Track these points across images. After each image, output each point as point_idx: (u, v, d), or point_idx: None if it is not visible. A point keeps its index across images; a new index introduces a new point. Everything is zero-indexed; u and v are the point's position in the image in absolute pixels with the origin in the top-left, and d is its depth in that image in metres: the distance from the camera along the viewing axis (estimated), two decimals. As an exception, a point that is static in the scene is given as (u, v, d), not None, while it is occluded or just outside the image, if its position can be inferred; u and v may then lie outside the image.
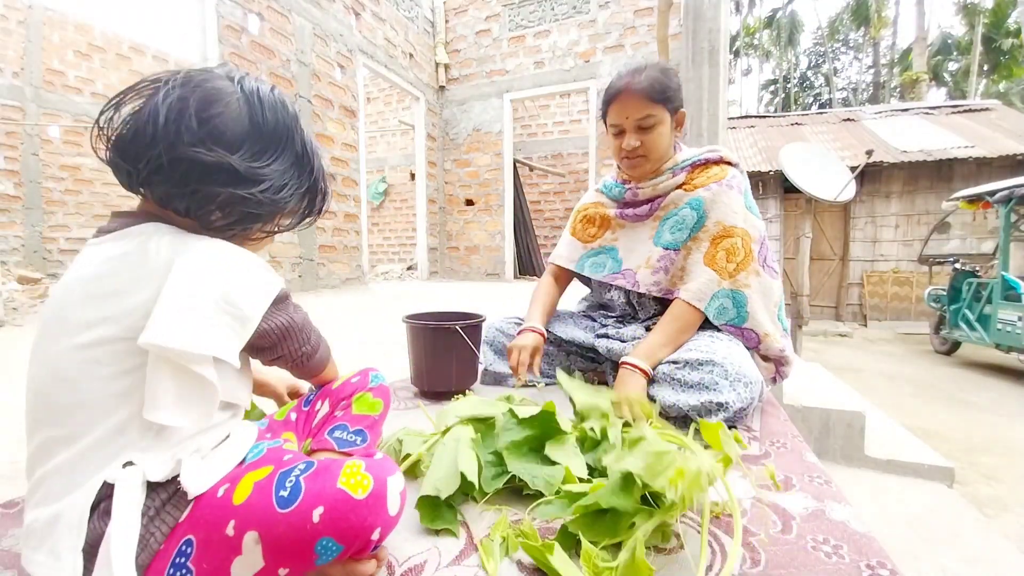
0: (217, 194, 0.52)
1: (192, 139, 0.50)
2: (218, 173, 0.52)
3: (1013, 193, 4.42)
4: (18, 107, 6.24)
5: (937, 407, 3.42)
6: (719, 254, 1.14)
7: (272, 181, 0.55)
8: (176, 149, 0.50)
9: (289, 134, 0.57)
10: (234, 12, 3.99)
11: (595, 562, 0.53)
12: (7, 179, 6.15)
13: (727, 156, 1.25)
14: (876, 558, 0.59)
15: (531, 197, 8.55)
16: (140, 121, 0.51)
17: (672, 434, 0.79)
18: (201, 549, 0.48)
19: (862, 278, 7.69)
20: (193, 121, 0.50)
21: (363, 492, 0.48)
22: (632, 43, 6.14)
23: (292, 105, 0.59)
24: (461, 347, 1.26)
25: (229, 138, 0.51)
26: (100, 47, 7.04)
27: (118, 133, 0.52)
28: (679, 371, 1.02)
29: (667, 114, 1.15)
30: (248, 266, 0.54)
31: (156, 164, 0.51)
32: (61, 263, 6.63)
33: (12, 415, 1.59)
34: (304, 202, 0.63)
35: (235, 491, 0.50)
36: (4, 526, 0.72)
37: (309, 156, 0.60)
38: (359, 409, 0.75)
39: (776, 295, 1.21)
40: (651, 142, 1.16)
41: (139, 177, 0.53)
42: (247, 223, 0.57)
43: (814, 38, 25.51)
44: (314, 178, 0.61)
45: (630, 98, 1.13)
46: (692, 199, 1.18)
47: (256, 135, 0.54)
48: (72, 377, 0.49)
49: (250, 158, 0.53)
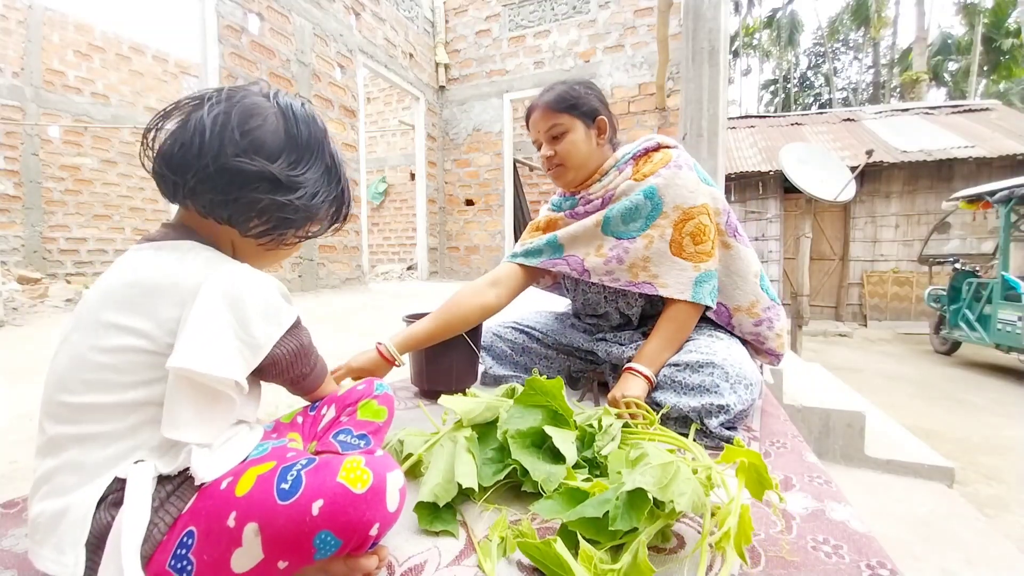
0: (258, 201, 0.56)
1: (236, 150, 0.53)
2: (259, 181, 0.55)
3: (1013, 193, 4.43)
4: (18, 107, 6.24)
5: (937, 407, 3.42)
6: (685, 240, 1.11)
7: (307, 189, 0.59)
8: (220, 159, 0.54)
9: (320, 145, 0.61)
10: (234, 12, 3.99)
11: (596, 564, 0.53)
12: (7, 179, 6.15)
13: (663, 141, 1.23)
14: (876, 558, 0.59)
15: (531, 197, 8.55)
16: (186, 135, 0.54)
17: (673, 436, 0.79)
18: (202, 540, 0.49)
19: (862, 278, 7.69)
20: (236, 133, 0.54)
21: (362, 487, 0.49)
22: (632, 43, 6.14)
23: (321, 119, 0.63)
24: (461, 347, 1.26)
25: (269, 149, 0.55)
26: (100, 47, 7.05)
27: (164, 146, 0.56)
28: (679, 373, 1.02)
29: (577, 121, 1.17)
30: (267, 295, 0.57)
31: (203, 175, 0.54)
32: (61, 263, 6.63)
33: (12, 415, 1.59)
34: (332, 209, 0.66)
35: (238, 484, 0.51)
36: (4, 526, 0.72)
37: (337, 166, 0.64)
38: (364, 415, 0.77)
39: (754, 265, 1.19)
40: (563, 150, 1.18)
41: (185, 188, 0.56)
42: (283, 228, 0.61)
43: (814, 38, 25.54)
44: (341, 187, 0.65)
45: (536, 113, 1.20)
46: (645, 188, 1.14)
47: (292, 146, 0.57)
48: (91, 380, 0.51)
49: (288, 167, 0.56)
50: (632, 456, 0.65)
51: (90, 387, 0.50)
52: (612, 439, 0.82)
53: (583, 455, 0.78)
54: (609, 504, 0.57)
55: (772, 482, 0.60)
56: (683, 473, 0.58)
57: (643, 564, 0.51)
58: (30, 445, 0.53)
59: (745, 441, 0.94)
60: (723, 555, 0.54)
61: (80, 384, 0.51)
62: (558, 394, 0.80)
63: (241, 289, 0.54)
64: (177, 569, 0.48)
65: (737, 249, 1.17)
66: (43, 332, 3.00)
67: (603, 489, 0.63)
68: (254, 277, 0.56)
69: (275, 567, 0.48)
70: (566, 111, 1.16)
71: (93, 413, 0.50)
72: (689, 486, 0.56)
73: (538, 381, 0.81)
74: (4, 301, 3.45)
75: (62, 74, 6.65)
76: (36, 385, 1.93)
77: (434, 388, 1.30)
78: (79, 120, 6.79)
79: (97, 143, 7.02)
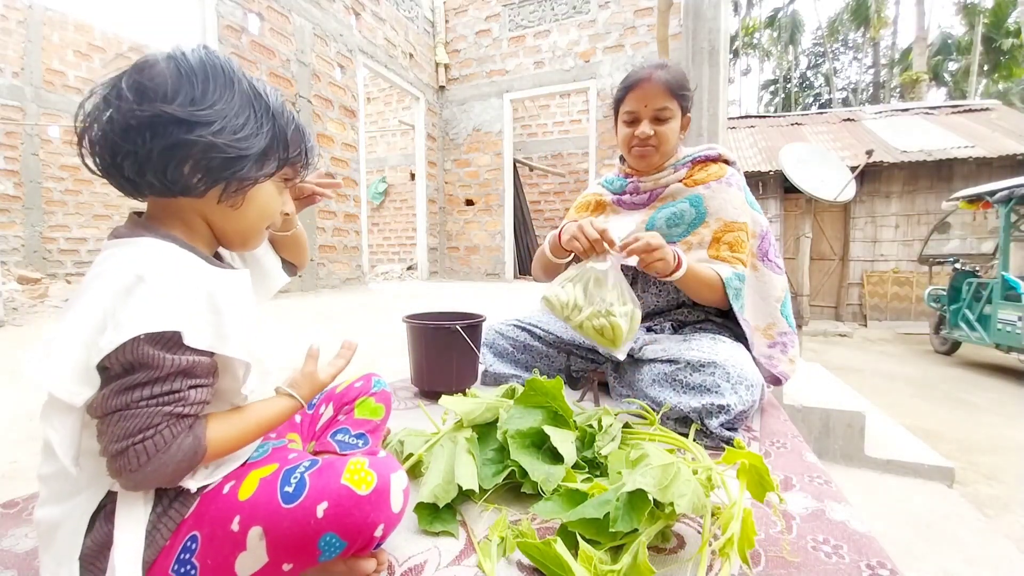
0: (174, 148, 0.51)
1: (129, 106, 0.49)
2: (162, 126, 0.50)
3: (1013, 193, 4.42)
4: (18, 107, 6.24)
5: (937, 407, 3.42)
6: (722, 248, 1.18)
7: (224, 122, 0.52)
8: (121, 121, 0.49)
9: (228, 77, 0.54)
10: (234, 12, 3.99)
11: (596, 564, 0.53)
12: (7, 179, 6.15)
13: (725, 154, 1.29)
14: (876, 558, 0.59)
15: (531, 197, 8.55)
16: (100, 119, 0.51)
17: (673, 436, 0.79)
18: (206, 545, 0.48)
19: (862, 278, 7.69)
20: (129, 93, 0.50)
21: (367, 488, 0.49)
22: (632, 43, 6.14)
23: (228, 59, 0.57)
24: (461, 347, 1.26)
25: (161, 91, 0.50)
26: (100, 47, 7.04)
27: (93, 146, 0.52)
28: (680, 372, 1.02)
29: (680, 112, 1.19)
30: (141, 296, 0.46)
31: (119, 147, 0.50)
32: (61, 263, 6.63)
33: (12, 415, 1.59)
34: (277, 145, 0.59)
35: (240, 487, 0.50)
36: (4, 526, 0.72)
37: (261, 94, 0.57)
38: (361, 414, 0.77)
39: (778, 290, 1.23)
40: (663, 134, 1.19)
41: (118, 171, 0.52)
42: (224, 172, 0.54)
43: (814, 38, 25.51)
44: (272, 114, 0.58)
45: (652, 87, 1.16)
46: (691, 195, 1.21)
47: (188, 83, 0.52)
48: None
49: (189, 103, 0.51)
50: (632, 456, 0.65)
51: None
52: (612, 439, 0.82)
53: (583, 455, 0.78)
54: (609, 505, 0.57)
55: (773, 484, 0.60)
56: (683, 474, 0.58)
57: (643, 565, 0.51)
58: (30, 445, 0.53)
59: (745, 441, 0.94)
60: (726, 558, 0.54)
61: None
62: (558, 394, 0.80)
63: (115, 285, 0.46)
64: (180, 574, 0.48)
65: (763, 272, 1.23)
66: (43, 332, 3.00)
67: (602, 490, 0.62)
68: (148, 266, 0.48)
69: (280, 570, 0.48)
70: (678, 98, 1.17)
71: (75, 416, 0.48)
72: (689, 487, 0.56)
73: (538, 382, 0.81)
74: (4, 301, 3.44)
75: (62, 74, 6.65)
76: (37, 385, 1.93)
77: (434, 388, 1.29)
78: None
79: (97, 143, 7.01)
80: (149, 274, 0.46)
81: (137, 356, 0.44)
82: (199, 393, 0.48)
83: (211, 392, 0.50)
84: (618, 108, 1.24)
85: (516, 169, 7.35)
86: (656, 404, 1.02)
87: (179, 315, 0.46)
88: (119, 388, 0.44)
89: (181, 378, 0.46)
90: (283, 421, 0.58)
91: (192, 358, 0.47)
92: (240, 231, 0.60)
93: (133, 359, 0.44)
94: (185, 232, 0.56)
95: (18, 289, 4.16)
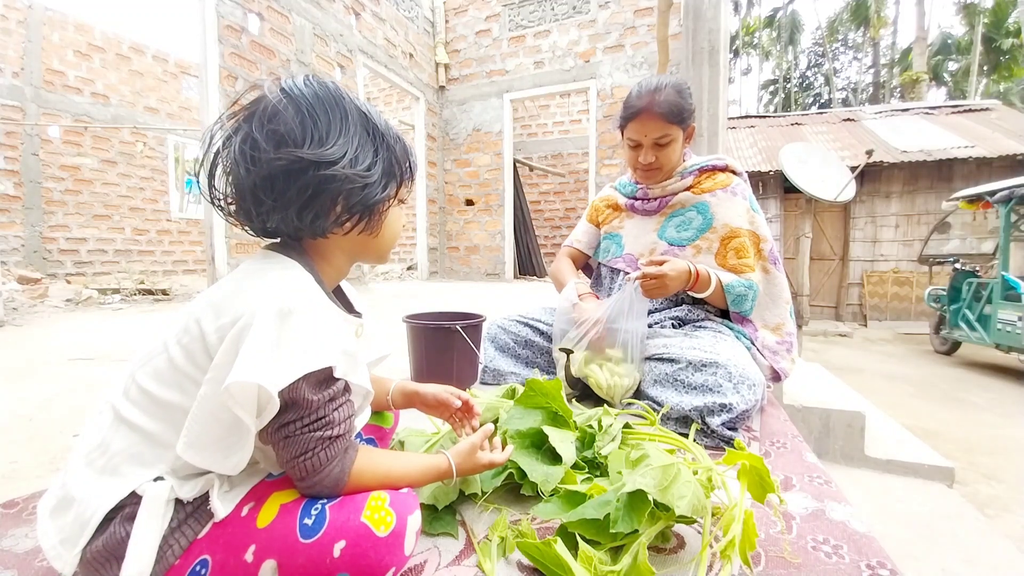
0: (309, 187, 0.53)
1: (269, 157, 0.52)
2: (300, 172, 0.53)
3: (1013, 193, 4.42)
4: (18, 107, 6.24)
5: (937, 407, 3.42)
6: (729, 253, 1.24)
7: (347, 154, 0.55)
8: (262, 171, 0.52)
9: (339, 103, 0.56)
10: (234, 12, 3.99)
11: (595, 565, 0.53)
12: (7, 179, 6.15)
13: (732, 165, 1.34)
14: (876, 558, 0.59)
15: (531, 197, 8.54)
16: (237, 172, 0.54)
17: (673, 437, 0.79)
18: (216, 571, 0.48)
19: (862, 278, 7.69)
20: (266, 144, 0.52)
21: (385, 529, 0.49)
22: (632, 43, 6.14)
23: (332, 83, 0.59)
24: (461, 347, 1.26)
25: (293, 137, 0.53)
26: (100, 47, 7.04)
27: (228, 194, 0.56)
28: (682, 372, 1.02)
29: (680, 132, 1.23)
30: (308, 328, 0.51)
31: (261, 198, 0.53)
32: (61, 263, 6.63)
33: (12, 415, 1.59)
34: (394, 165, 0.61)
35: (260, 512, 0.50)
36: (4, 526, 0.72)
37: (367, 114, 0.59)
38: (371, 419, 0.78)
39: (786, 293, 1.29)
40: (664, 157, 1.25)
41: (260, 219, 0.55)
42: (359, 202, 0.57)
43: (814, 38, 25.50)
44: (382, 134, 0.59)
45: (650, 119, 1.20)
46: (699, 203, 1.28)
47: (312, 121, 0.54)
48: (157, 367, 0.52)
49: (316, 145, 0.53)
50: (633, 457, 0.65)
51: (152, 375, 0.51)
52: (612, 439, 0.82)
53: (583, 455, 0.78)
54: (610, 506, 0.57)
55: (774, 485, 0.60)
56: (684, 475, 0.58)
57: (643, 566, 0.51)
58: (30, 445, 0.53)
59: (745, 441, 0.94)
60: (727, 560, 0.54)
61: (150, 368, 0.52)
62: (557, 395, 0.80)
63: (289, 309, 0.50)
64: None
65: (774, 275, 1.29)
66: (43, 332, 3.00)
67: (602, 491, 0.62)
68: (306, 304, 0.51)
69: None
70: (677, 123, 1.21)
71: (143, 398, 0.51)
72: (689, 488, 0.56)
73: (538, 382, 0.81)
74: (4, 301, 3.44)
75: (62, 74, 6.65)
76: (36, 385, 1.93)
77: (434, 388, 1.29)
78: (79, 120, 6.78)
79: (97, 143, 7.02)
80: (298, 309, 0.50)
81: (294, 396, 0.49)
82: (342, 412, 0.54)
83: (352, 407, 0.56)
84: (623, 128, 1.28)
85: (516, 169, 7.34)
86: (657, 404, 1.02)
87: (331, 352, 0.51)
88: (279, 424, 0.51)
89: (327, 405, 0.52)
90: (428, 481, 0.62)
91: (335, 387, 0.53)
92: (378, 253, 0.64)
93: (290, 399, 0.49)
94: (322, 265, 0.60)
95: (18, 289, 4.16)
